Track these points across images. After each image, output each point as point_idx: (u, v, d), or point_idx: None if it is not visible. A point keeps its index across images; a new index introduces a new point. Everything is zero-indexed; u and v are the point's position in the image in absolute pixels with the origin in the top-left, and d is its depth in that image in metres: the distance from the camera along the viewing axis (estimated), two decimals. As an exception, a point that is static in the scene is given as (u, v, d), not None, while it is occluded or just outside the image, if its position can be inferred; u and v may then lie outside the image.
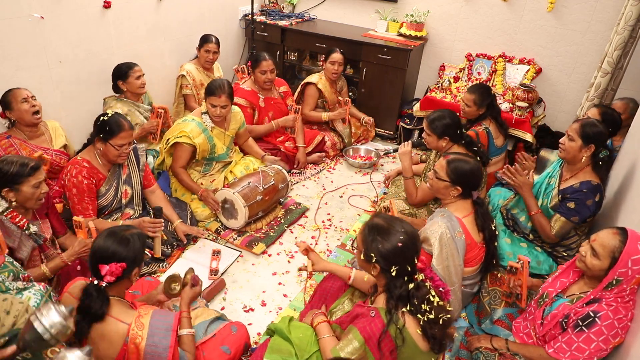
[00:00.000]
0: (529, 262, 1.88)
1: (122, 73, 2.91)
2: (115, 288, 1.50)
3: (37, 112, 2.46)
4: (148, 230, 2.31)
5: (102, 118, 2.24)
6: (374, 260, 1.49)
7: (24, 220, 1.89)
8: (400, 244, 1.47)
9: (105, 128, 2.22)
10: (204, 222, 2.81)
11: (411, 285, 1.48)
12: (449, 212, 2.04)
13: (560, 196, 2.25)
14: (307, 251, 2.03)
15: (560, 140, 2.26)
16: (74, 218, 1.99)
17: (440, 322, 1.46)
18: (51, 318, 1.17)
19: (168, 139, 2.74)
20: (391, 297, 1.48)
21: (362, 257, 1.54)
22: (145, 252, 1.66)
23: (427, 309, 1.45)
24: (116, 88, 2.98)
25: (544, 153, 2.86)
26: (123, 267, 1.46)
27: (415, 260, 1.50)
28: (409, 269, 1.48)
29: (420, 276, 1.51)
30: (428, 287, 1.51)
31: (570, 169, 2.28)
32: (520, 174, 2.28)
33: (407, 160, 2.70)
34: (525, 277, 1.87)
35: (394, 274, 1.47)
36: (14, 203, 1.87)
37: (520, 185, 2.29)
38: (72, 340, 1.44)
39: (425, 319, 1.44)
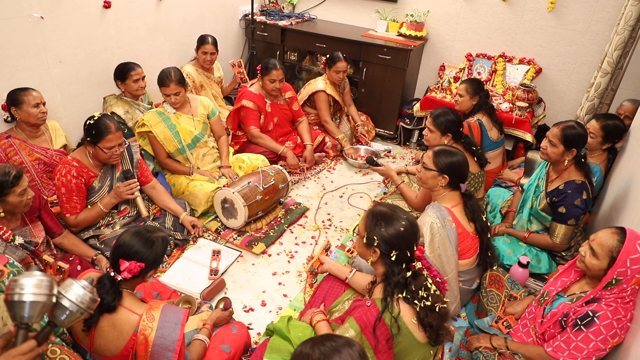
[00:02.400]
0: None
1: (121, 74, 2.94)
2: (128, 283, 1.54)
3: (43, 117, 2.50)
4: (126, 195, 2.34)
5: (88, 122, 2.22)
6: (375, 244, 1.52)
7: (9, 232, 1.88)
8: (402, 229, 1.51)
9: (92, 132, 2.20)
10: (202, 220, 2.82)
11: (409, 273, 1.51)
12: (437, 203, 2.08)
13: (548, 198, 2.28)
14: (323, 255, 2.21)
15: (542, 145, 2.29)
16: (45, 257, 1.96)
17: (437, 310, 1.48)
18: (76, 292, 1.24)
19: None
20: (389, 284, 1.51)
21: (363, 241, 1.56)
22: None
23: (424, 296, 1.47)
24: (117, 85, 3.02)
25: (531, 155, 2.90)
26: (141, 267, 1.49)
27: (415, 247, 1.53)
28: (409, 254, 1.51)
29: (418, 264, 1.54)
30: (425, 275, 1.54)
31: (555, 169, 2.32)
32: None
33: (389, 175, 2.86)
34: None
35: (393, 258, 1.50)
36: (1, 214, 1.86)
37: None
38: (82, 328, 1.47)
39: (422, 305, 1.46)
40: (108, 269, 1.50)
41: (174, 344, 1.47)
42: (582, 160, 2.24)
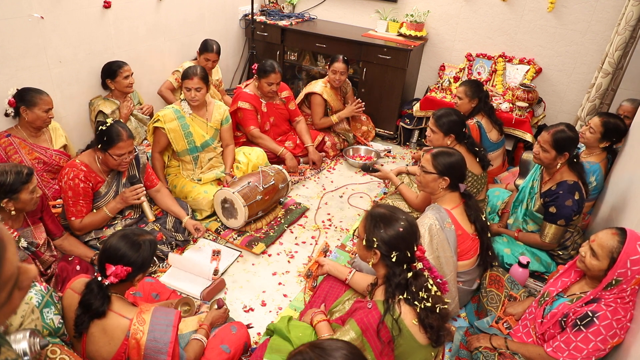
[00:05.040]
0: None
1: (111, 72, 2.97)
2: (117, 287, 1.53)
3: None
4: (132, 200, 2.34)
5: (101, 127, 2.22)
6: (375, 246, 1.52)
7: (15, 233, 1.88)
8: (401, 229, 1.50)
9: (104, 138, 2.20)
10: (203, 221, 2.82)
11: (410, 274, 1.50)
12: (437, 205, 2.08)
13: (542, 199, 2.29)
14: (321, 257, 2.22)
15: (534, 150, 2.29)
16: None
17: (437, 311, 1.47)
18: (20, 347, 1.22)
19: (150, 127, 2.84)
20: (390, 286, 1.50)
21: (363, 243, 1.56)
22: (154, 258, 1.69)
23: (425, 297, 1.47)
24: (105, 85, 3.05)
25: (526, 156, 2.90)
26: (128, 272, 1.48)
27: (415, 247, 1.53)
28: (409, 254, 1.51)
29: (419, 265, 1.53)
30: (426, 276, 1.53)
31: (548, 171, 2.33)
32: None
33: (388, 177, 2.93)
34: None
35: (394, 259, 1.49)
36: (12, 213, 1.87)
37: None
38: (73, 334, 1.47)
39: (422, 306, 1.46)
40: (95, 274, 1.49)
41: (167, 346, 1.46)
42: (575, 160, 2.24)
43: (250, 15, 4.14)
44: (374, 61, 3.87)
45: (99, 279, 1.46)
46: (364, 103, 3.74)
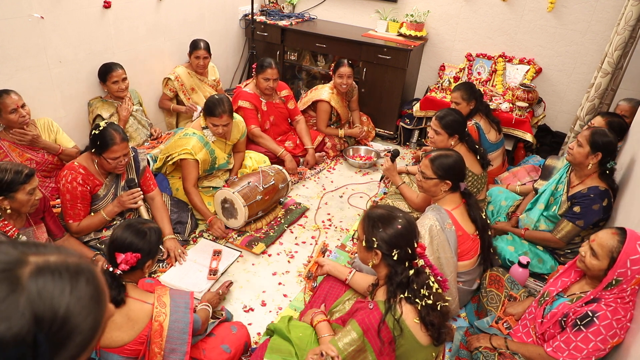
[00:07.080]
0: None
1: (102, 74, 2.96)
2: (129, 276, 1.58)
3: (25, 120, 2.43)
4: (130, 204, 2.34)
5: (94, 132, 2.19)
6: (375, 246, 1.52)
7: (14, 229, 1.89)
8: (399, 227, 1.51)
9: (97, 143, 2.18)
10: (204, 221, 2.82)
11: (411, 272, 1.51)
12: (437, 205, 2.08)
13: (569, 202, 2.25)
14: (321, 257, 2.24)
15: (570, 145, 2.26)
16: None
17: (438, 309, 1.48)
18: None
19: (170, 155, 2.71)
20: (391, 285, 1.51)
21: (363, 244, 1.56)
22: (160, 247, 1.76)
23: (426, 294, 1.47)
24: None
25: (550, 161, 2.84)
26: (138, 258, 1.53)
27: (415, 244, 1.53)
28: (410, 251, 1.51)
29: (420, 262, 1.54)
30: (428, 273, 1.53)
31: (578, 175, 2.28)
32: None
33: (392, 174, 2.80)
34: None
35: (395, 257, 1.50)
36: (8, 211, 1.87)
37: None
38: None
39: (424, 303, 1.46)
40: (106, 265, 1.53)
41: (187, 327, 1.57)
42: (608, 172, 2.20)
43: (250, 15, 4.14)
44: (374, 61, 3.87)
45: (110, 269, 1.50)
46: (364, 129, 3.88)
